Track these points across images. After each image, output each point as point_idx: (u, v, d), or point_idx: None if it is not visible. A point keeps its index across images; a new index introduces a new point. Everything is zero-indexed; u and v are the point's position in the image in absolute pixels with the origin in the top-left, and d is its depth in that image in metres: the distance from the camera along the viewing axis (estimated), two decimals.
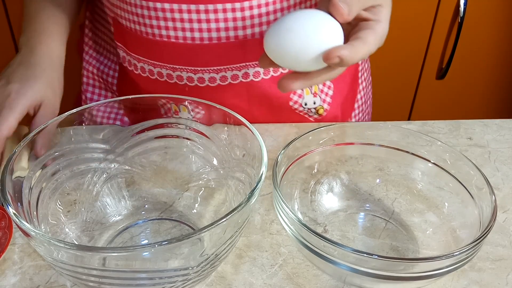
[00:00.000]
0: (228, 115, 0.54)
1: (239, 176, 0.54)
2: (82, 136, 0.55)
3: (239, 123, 0.53)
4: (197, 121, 0.57)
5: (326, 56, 0.47)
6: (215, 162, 0.58)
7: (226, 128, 0.55)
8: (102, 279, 0.43)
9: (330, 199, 0.59)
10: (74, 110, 0.54)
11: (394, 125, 0.60)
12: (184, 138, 0.58)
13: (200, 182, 0.59)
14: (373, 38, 0.49)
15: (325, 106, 0.75)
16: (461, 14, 1.29)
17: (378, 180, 0.60)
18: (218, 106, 0.55)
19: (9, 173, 0.46)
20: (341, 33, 0.49)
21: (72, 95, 0.74)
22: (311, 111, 0.75)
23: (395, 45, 1.37)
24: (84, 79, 0.83)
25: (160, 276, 0.43)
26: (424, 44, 1.40)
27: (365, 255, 0.43)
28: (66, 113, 0.53)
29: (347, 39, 0.50)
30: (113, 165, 0.58)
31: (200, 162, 0.59)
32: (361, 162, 0.60)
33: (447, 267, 0.44)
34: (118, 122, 0.75)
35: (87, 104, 0.83)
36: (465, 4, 1.28)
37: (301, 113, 0.75)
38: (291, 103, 0.73)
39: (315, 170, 0.60)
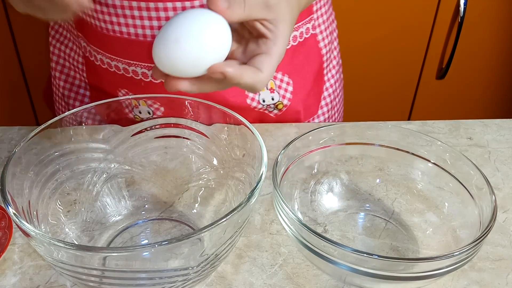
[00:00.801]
0: (228, 115, 0.54)
1: (239, 176, 0.54)
2: (82, 136, 0.55)
3: (239, 123, 0.53)
4: (197, 121, 0.57)
5: (211, 69, 0.46)
6: (215, 162, 0.58)
7: (226, 128, 0.55)
8: (102, 279, 0.43)
9: (330, 199, 0.59)
10: (74, 110, 0.54)
11: (394, 125, 0.60)
12: (184, 138, 0.58)
13: (200, 182, 0.59)
14: (268, 66, 0.48)
15: (285, 101, 0.75)
16: (461, 14, 1.29)
17: (378, 180, 0.60)
18: (218, 106, 0.55)
19: (10, 173, 0.46)
20: (226, 33, 0.47)
21: (43, 73, 0.72)
22: (270, 107, 0.75)
23: (395, 45, 1.37)
24: (53, 64, 0.82)
25: (160, 276, 0.43)
26: (424, 44, 1.40)
27: (365, 255, 0.43)
28: (66, 112, 0.53)
29: (245, 51, 0.50)
30: (113, 165, 0.58)
31: (200, 162, 0.59)
32: (361, 162, 0.60)
33: (447, 267, 0.44)
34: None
35: (56, 87, 0.82)
36: (465, 4, 1.28)
37: (260, 110, 0.75)
38: (248, 101, 0.73)
39: (315, 170, 0.60)
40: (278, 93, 0.74)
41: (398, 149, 0.59)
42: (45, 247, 0.41)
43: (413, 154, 0.58)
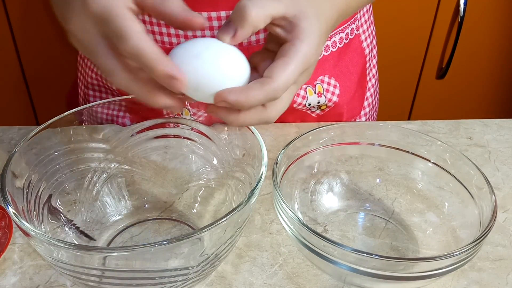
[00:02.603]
0: None
1: (239, 175, 0.54)
2: (82, 136, 0.55)
3: None
4: (197, 121, 0.57)
5: (215, 98, 0.41)
6: (215, 161, 0.58)
7: (226, 128, 0.55)
8: (102, 279, 0.43)
9: (330, 199, 0.59)
10: (74, 110, 0.54)
11: (394, 124, 0.60)
12: (184, 137, 0.58)
13: (200, 181, 0.59)
14: (281, 71, 0.41)
15: (330, 104, 0.75)
16: (461, 14, 1.29)
17: (378, 180, 0.60)
18: None
19: (10, 173, 0.46)
20: (241, 63, 0.43)
21: (66, 85, 0.72)
22: (314, 107, 0.75)
23: (395, 45, 1.37)
24: (81, 77, 0.82)
25: (160, 276, 0.43)
26: (424, 44, 1.40)
27: (365, 255, 0.43)
28: (66, 112, 0.53)
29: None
30: (113, 165, 0.58)
31: (200, 162, 0.59)
32: (361, 161, 0.60)
33: (447, 267, 0.44)
34: (125, 121, 0.74)
35: (82, 97, 0.82)
36: (465, 4, 1.28)
37: (303, 110, 0.75)
38: (294, 105, 0.73)
39: (315, 170, 0.60)
40: (325, 96, 0.73)
41: (398, 149, 0.59)
42: (45, 247, 0.41)
43: (413, 154, 0.58)
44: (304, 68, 0.43)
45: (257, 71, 0.46)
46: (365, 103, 0.80)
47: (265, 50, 0.47)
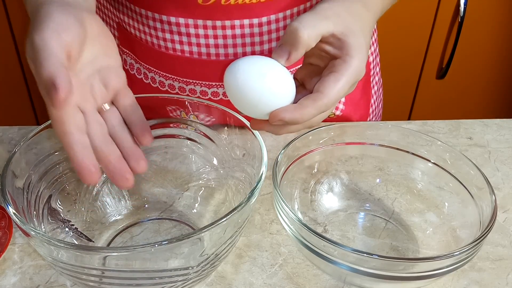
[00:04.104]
0: (228, 115, 0.54)
1: (239, 175, 0.54)
2: None
3: (239, 123, 0.53)
4: (197, 121, 0.57)
5: (271, 118, 0.44)
6: (215, 161, 0.58)
7: (226, 128, 0.55)
8: (102, 279, 0.43)
9: (330, 199, 0.59)
10: None
11: (394, 124, 0.60)
12: (184, 137, 0.58)
13: (200, 181, 0.59)
14: (332, 85, 0.44)
15: (338, 112, 0.73)
16: (461, 14, 1.29)
17: (378, 180, 0.60)
18: (218, 106, 0.55)
19: (10, 173, 0.46)
20: (291, 82, 0.46)
21: None
22: None
23: (395, 44, 1.37)
24: None
25: (160, 276, 0.43)
26: (424, 44, 1.40)
27: (365, 255, 0.43)
28: None
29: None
30: None
31: (200, 162, 0.59)
32: (361, 162, 0.60)
33: (447, 267, 0.44)
34: None
35: None
36: (465, 4, 1.28)
37: None
38: None
39: (315, 170, 0.60)
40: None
41: (398, 149, 0.59)
42: (45, 246, 0.41)
43: (413, 154, 0.58)
44: (354, 82, 0.46)
45: (304, 87, 0.49)
46: (370, 110, 0.80)
47: (308, 65, 0.49)
